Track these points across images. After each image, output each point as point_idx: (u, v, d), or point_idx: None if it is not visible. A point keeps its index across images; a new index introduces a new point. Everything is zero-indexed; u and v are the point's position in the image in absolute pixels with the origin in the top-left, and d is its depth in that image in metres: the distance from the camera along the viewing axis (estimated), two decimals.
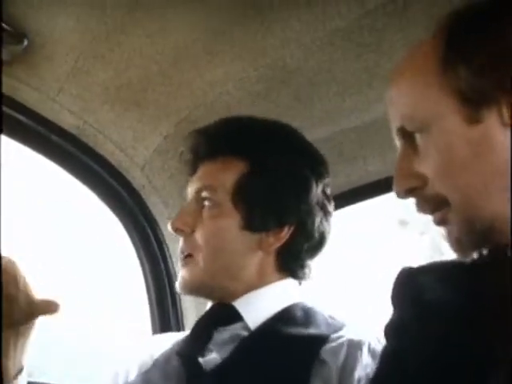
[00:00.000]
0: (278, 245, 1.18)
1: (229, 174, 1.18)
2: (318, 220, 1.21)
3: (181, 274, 1.19)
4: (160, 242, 1.71)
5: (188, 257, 1.18)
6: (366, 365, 1.05)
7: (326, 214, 1.23)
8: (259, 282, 1.19)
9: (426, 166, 0.78)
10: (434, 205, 0.79)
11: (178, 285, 1.20)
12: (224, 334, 1.15)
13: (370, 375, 0.99)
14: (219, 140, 1.21)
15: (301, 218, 1.19)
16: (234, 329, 1.15)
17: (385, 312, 0.92)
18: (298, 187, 1.19)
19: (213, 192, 1.17)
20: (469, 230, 0.76)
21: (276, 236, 1.18)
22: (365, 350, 1.07)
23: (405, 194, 0.81)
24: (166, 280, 1.71)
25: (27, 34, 1.27)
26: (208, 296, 1.22)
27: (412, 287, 0.87)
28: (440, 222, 0.79)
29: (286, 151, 1.21)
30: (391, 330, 0.89)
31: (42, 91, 1.44)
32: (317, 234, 1.21)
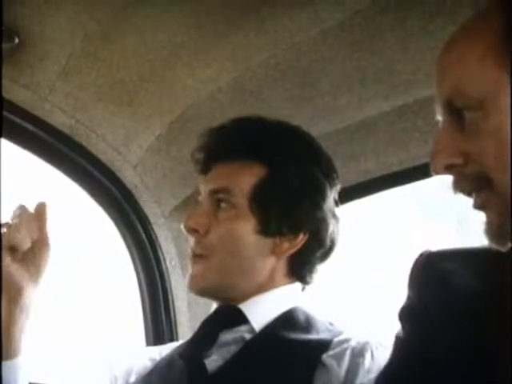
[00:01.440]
0: (292, 251, 1.18)
1: (247, 177, 1.17)
2: (331, 227, 1.21)
3: (191, 272, 1.17)
4: (153, 242, 1.71)
5: (199, 257, 1.17)
6: (368, 370, 1.05)
7: (337, 220, 1.23)
8: (268, 286, 1.18)
9: (474, 145, 0.75)
10: (474, 184, 0.76)
11: (187, 283, 1.18)
12: (228, 336, 1.15)
13: (373, 381, 0.98)
14: (238, 142, 1.19)
15: (316, 225, 1.19)
16: (238, 331, 1.15)
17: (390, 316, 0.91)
18: (314, 194, 1.19)
19: (230, 194, 1.16)
20: (511, 216, 0.74)
21: (291, 242, 1.18)
22: (368, 355, 1.07)
23: (444, 170, 0.78)
24: (158, 279, 1.71)
25: (18, 33, 1.27)
26: (215, 297, 1.20)
27: (434, 272, 0.86)
28: (480, 207, 0.77)
29: (304, 157, 1.20)
30: (408, 315, 0.88)
31: (34, 90, 1.43)
32: (329, 241, 1.21)
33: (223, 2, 1.18)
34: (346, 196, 1.68)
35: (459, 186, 0.78)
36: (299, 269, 1.21)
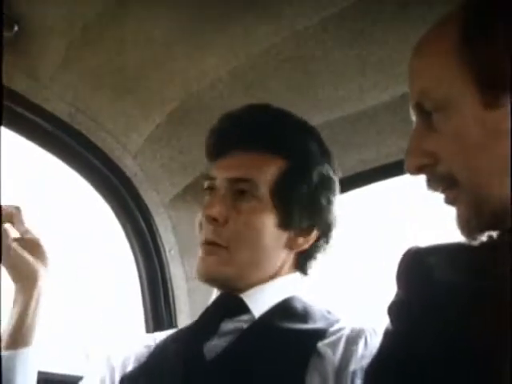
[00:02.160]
0: (305, 246, 1.19)
1: (270, 169, 1.17)
2: (337, 225, 1.23)
3: (204, 261, 1.16)
4: (152, 230, 1.71)
5: (216, 246, 1.15)
6: (361, 357, 1.05)
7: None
8: (274, 276, 1.19)
9: (440, 145, 0.78)
10: (444, 184, 0.79)
11: (198, 270, 1.17)
12: (229, 325, 1.15)
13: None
14: (261, 132, 1.18)
15: (327, 222, 1.21)
16: (240, 321, 1.15)
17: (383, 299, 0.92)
18: (329, 191, 1.21)
19: (254, 186, 1.15)
20: (478, 212, 0.77)
21: (305, 237, 1.19)
22: (361, 343, 1.08)
23: (416, 170, 0.81)
24: (158, 267, 1.71)
25: (18, 20, 1.26)
26: (222, 286, 1.19)
27: (419, 268, 0.87)
28: (450, 202, 0.80)
29: (320, 154, 1.21)
30: (395, 311, 0.89)
31: (34, 78, 1.43)
32: (334, 238, 1.23)
33: None
34: (346, 185, 1.68)
35: (431, 186, 0.81)
36: (305, 263, 1.22)
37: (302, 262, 1.22)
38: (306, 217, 1.18)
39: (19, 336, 1.10)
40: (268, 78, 1.37)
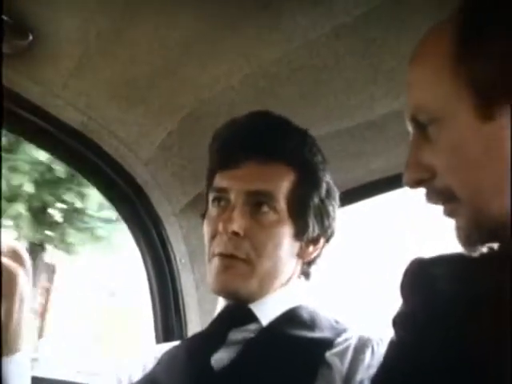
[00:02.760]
0: (314, 255, 1.22)
1: (284, 181, 1.18)
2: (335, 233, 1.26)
3: (222, 275, 1.14)
4: (163, 239, 1.71)
5: (237, 260, 1.14)
6: (368, 366, 1.06)
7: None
8: (283, 285, 1.20)
9: (436, 159, 0.78)
10: (442, 197, 0.79)
11: (216, 285, 1.16)
12: (237, 335, 1.15)
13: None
14: (273, 145, 1.19)
15: (332, 230, 1.24)
16: (248, 330, 1.15)
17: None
18: (334, 201, 1.24)
19: (273, 199, 1.16)
20: (478, 225, 0.76)
21: (314, 246, 1.21)
22: (368, 352, 1.08)
23: (414, 184, 0.81)
24: (168, 276, 1.71)
25: (32, 30, 1.27)
26: (235, 297, 1.18)
27: (423, 278, 0.87)
28: (449, 214, 0.80)
29: (324, 165, 1.23)
30: (400, 322, 0.89)
31: (47, 87, 1.44)
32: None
33: None
34: (355, 195, 1.69)
35: (430, 199, 0.82)
36: (308, 269, 1.25)
37: (307, 270, 1.24)
38: (317, 227, 1.20)
39: (5, 343, 1.08)
40: (280, 86, 1.37)
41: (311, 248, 1.21)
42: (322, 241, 1.22)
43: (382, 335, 1.10)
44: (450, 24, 0.78)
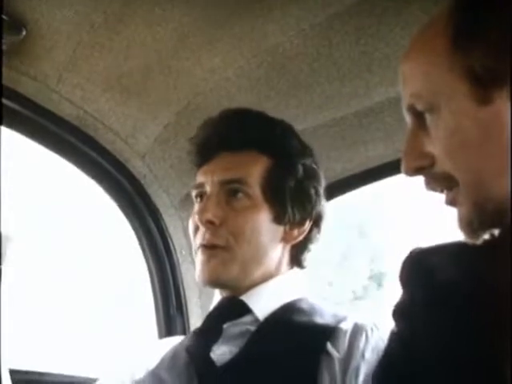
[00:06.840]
0: (300, 238, 1.22)
1: (257, 167, 1.19)
2: (326, 214, 1.27)
3: (206, 265, 1.16)
4: (163, 232, 1.71)
5: (217, 248, 1.16)
6: (362, 352, 1.07)
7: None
8: (272, 274, 1.20)
9: (435, 146, 0.77)
10: (443, 184, 0.79)
11: (201, 275, 1.17)
12: (234, 329, 1.16)
13: (368, 360, 1.03)
14: (242, 133, 1.21)
15: (318, 212, 1.24)
16: (244, 323, 1.16)
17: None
18: (316, 183, 1.24)
19: (246, 185, 1.18)
20: (479, 212, 0.76)
21: (299, 230, 1.22)
22: (362, 338, 1.09)
23: (413, 172, 0.81)
24: (169, 269, 1.72)
25: (26, 24, 1.27)
26: (226, 287, 1.20)
27: (423, 268, 0.87)
28: (451, 203, 0.79)
29: (302, 150, 1.24)
30: (400, 313, 0.89)
31: (41, 81, 1.43)
32: (323, 227, 1.26)
33: None
34: (354, 182, 1.69)
35: (430, 186, 0.81)
36: (300, 255, 1.25)
37: (298, 256, 1.24)
38: (298, 209, 1.20)
39: None
40: (274, 76, 1.38)
41: (296, 231, 1.21)
42: (307, 223, 1.22)
43: (376, 321, 1.11)
44: (445, 12, 0.78)
